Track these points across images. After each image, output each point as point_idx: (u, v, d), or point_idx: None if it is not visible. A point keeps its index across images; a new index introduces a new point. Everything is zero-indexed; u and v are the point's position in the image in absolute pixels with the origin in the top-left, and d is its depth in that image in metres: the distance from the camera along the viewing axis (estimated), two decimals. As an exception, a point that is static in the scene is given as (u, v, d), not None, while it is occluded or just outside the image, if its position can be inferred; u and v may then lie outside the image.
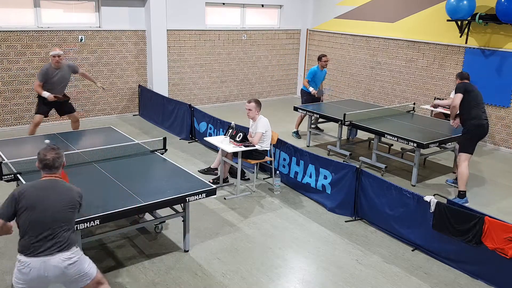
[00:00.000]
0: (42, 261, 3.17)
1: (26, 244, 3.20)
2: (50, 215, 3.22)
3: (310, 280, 4.50)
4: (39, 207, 3.21)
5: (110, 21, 9.69)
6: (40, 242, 3.19)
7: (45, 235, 3.20)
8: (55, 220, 3.24)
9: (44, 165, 3.37)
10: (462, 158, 6.26)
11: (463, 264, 4.72)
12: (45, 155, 3.38)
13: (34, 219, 3.20)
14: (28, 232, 3.21)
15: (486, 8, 8.67)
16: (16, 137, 6.60)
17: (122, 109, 10.34)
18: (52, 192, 3.29)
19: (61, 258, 3.22)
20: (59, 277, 3.25)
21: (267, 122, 6.42)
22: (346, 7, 11.64)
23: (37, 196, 3.24)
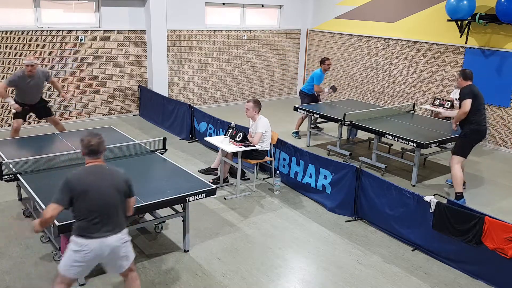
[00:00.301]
0: (99, 242, 3.37)
1: (83, 227, 3.37)
2: (102, 199, 3.38)
3: (310, 280, 4.50)
4: (92, 192, 3.35)
5: (110, 21, 9.69)
6: (96, 225, 3.36)
7: (100, 219, 3.37)
8: (107, 204, 3.40)
9: (90, 150, 3.47)
10: (454, 161, 6.24)
11: (463, 264, 4.72)
12: (90, 141, 3.47)
13: (88, 204, 3.35)
14: (84, 216, 3.36)
15: (486, 8, 8.67)
16: (16, 137, 6.61)
17: (122, 109, 10.34)
18: (101, 177, 3.44)
19: (115, 238, 3.43)
20: (111, 255, 3.46)
21: (267, 122, 6.42)
22: (346, 7, 11.64)
23: (89, 182, 3.38)
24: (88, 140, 3.47)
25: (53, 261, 4.60)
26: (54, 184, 4.64)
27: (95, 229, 3.37)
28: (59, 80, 9.29)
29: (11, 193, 6.06)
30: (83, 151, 3.50)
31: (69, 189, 3.34)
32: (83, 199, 3.34)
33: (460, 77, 6.36)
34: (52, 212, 3.31)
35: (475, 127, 6.12)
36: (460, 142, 6.29)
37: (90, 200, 3.35)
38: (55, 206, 3.32)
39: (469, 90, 6.12)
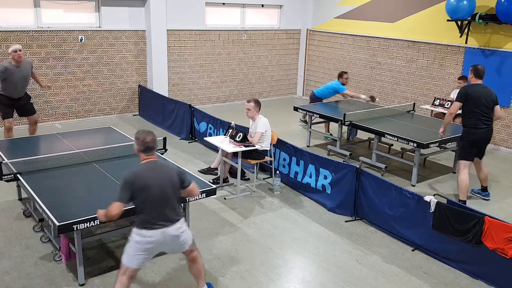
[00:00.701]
0: (162, 232, 3.58)
1: (145, 219, 3.56)
2: (161, 192, 3.58)
3: (310, 280, 4.50)
4: (151, 187, 3.54)
5: (110, 21, 9.69)
6: (157, 217, 3.57)
7: (160, 211, 3.58)
8: (165, 196, 3.61)
9: (146, 147, 3.67)
10: (460, 166, 6.13)
11: (463, 264, 4.72)
12: (145, 138, 3.67)
13: (149, 198, 3.54)
14: (146, 209, 3.56)
15: (486, 8, 8.67)
16: (16, 137, 6.61)
17: (122, 109, 10.34)
18: (158, 172, 3.64)
19: (175, 228, 3.65)
20: (172, 243, 3.71)
21: (267, 122, 6.42)
22: (346, 7, 11.64)
23: (148, 177, 3.58)
24: (144, 137, 3.67)
25: (53, 261, 4.60)
26: (54, 184, 4.66)
27: (156, 221, 3.56)
28: (58, 80, 9.30)
29: (11, 193, 6.06)
30: (139, 148, 3.69)
31: (128, 187, 3.52)
32: (143, 194, 3.53)
33: (471, 73, 6.11)
34: (117, 210, 3.50)
35: (469, 129, 6.02)
36: (460, 145, 6.25)
37: (150, 195, 3.53)
38: (119, 204, 3.50)
39: (463, 92, 5.99)
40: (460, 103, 6.01)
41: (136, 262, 3.63)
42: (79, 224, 3.89)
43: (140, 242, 3.57)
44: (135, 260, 3.62)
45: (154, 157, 3.74)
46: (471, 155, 6.11)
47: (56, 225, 3.83)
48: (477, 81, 6.06)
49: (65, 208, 4.15)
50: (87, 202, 4.29)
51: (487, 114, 6.02)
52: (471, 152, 6.10)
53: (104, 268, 4.53)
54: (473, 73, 6.07)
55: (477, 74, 6.05)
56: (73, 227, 3.88)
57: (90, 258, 4.68)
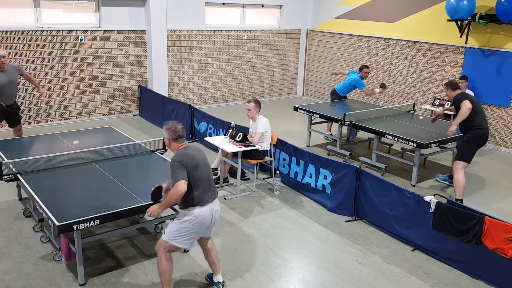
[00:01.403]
0: (210, 207, 3.91)
1: (198, 196, 3.84)
2: (207, 169, 3.95)
3: (310, 280, 4.50)
4: (200, 165, 3.87)
5: (110, 21, 9.69)
6: (207, 192, 3.90)
7: (208, 187, 3.92)
8: (209, 174, 3.98)
9: (178, 135, 3.94)
10: (459, 166, 6.16)
11: (463, 264, 4.72)
12: (176, 127, 3.94)
13: (200, 175, 3.85)
14: (198, 186, 3.83)
15: (486, 8, 8.67)
16: (16, 137, 6.61)
17: (122, 109, 10.34)
18: (198, 152, 3.98)
19: (217, 202, 4.03)
20: (214, 220, 3.99)
21: (267, 122, 6.42)
22: (346, 7, 11.64)
23: (196, 157, 3.88)
24: (175, 127, 3.93)
25: (53, 261, 4.60)
26: (54, 184, 4.66)
27: (206, 197, 3.87)
28: (58, 80, 9.30)
29: (11, 193, 6.06)
30: (171, 136, 3.93)
31: (184, 166, 3.75)
32: (195, 172, 3.80)
33: (448, 89, 6.31)
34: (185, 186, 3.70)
35: (479, 131, 6.06)
36: (464, 147, 6.20)
37: (201, 172, 3.85)
38: (183, 181, 3.70)
39: (462, 96, 6.10)
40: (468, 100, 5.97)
41: (188, 242, 3.90)
42: (79, 224, 3.89)
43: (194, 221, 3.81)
44: (188, 242, 3.89)
45: (186, 143, 4.00)
46: (471, 157, 6.19)
47: (56, 225, 3.83)
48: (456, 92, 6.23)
49: (65, 208, 4.15)
50: (87, 202, 4.29)
51: (485, 117, 6.23)
52: (473, 154, 6.19)
53: (104, 268, 4.53)
54: (450, 88, 6.26)
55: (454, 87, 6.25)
56: (73, 227, 3.88)
57: (90, 258, 4.68)
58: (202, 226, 3.89)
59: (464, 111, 5.98)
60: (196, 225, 3.85)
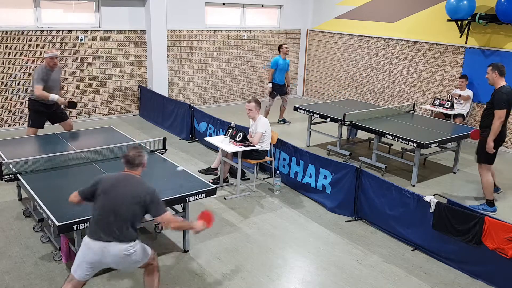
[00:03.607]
0: (101, 246, 3.41)
1: (91, 225, 3.50)
2: (116, 204, 3.43)
3: (310, 280, 4.50)
4: (111, 194, 3.45)
5: (110, 21, 9.69)
6: (102, 227, 3.42)
7: (108, 222, 3.42)
8: (119, 210, 3.42)
9: (126, 160, 3.62)
10: (485, 168, 5.94)
11: (463, 264, 4.72)
12: (128, 152, 3.63)
13: (104, 204, 3.45)
14: (95, 215, 3.48)
15: (486, 8, 8.67)
16: (16, 137, 6.60)
17: (122, 109, 10.34)
18: (123, 184, 3.50)
19: (119, 248, 3.43)
20: (115, 263, 3.53)
21: (267, 122, 6.42)
22: (346, 7, 11.63)
23: (111, 185, 3.49)
24: (127, 151, 3.64)
25: (53, 261, 4.60)
26: (54, 184, 4.66)
27: (99, 231, 3.42)
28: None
29: (11, 193, 6.06)
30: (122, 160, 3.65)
31: (95, 186, 3.53)
32: (101, 199, 3.47)
33: (495, 71, 5.63)
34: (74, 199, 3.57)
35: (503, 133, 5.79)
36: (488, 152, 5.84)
37: (106, 202, 3.44)
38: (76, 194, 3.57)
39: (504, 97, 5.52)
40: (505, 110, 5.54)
41: (79, 272, 3.47)
42: (79, 224, 3.89)
43: (83, 250, 3.45)
44: (79, 270, 3.47)
45: (135, 173, 3.60)
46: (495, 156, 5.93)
47: (56, 225, 3.83)
48: (502, 80, 5.65)
49: (65, 208, 4.15)
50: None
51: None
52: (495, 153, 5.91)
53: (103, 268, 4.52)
54: (498, 72, 5.62)
55: (502, 72, 5.63)
56: (73, 227, 3.88)
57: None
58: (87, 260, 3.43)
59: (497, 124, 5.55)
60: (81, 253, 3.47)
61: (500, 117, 5.56)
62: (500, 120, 5.58)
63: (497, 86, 5.67)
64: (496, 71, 5.62)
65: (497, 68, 5.62)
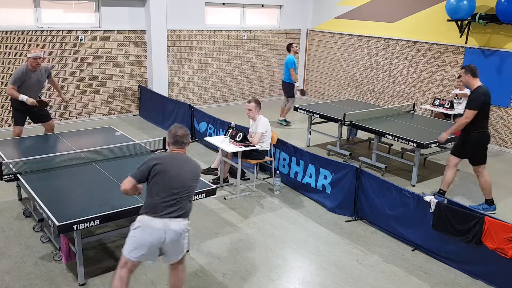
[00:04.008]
0: (164, 223, 3.45)
1: (153, 204, 3.48)
2: (179, 181, 3.52)
3: (310, 280, 4.50)
4: (171, 173, 3.51)
5: (110, 21, 9.69)
6: (166, 204, 3.48)
7: (172, 199, 3.49)
8: (182, 187, 3.54)
9: (175, 140, 3.67)
10: (481, 169, 5.93)
11: (463, 264, 4.72)
12: (176, 131, 3.68)
13: (165, 183, 3.49)
14: (158, 194, 3.49)
15: (486, 8, 8.67)
16: (16, 137, 6.61)
17: (122, 109, 10.34)
18: (181, 163, 3.61)
19: (180, 224, 3.52)
20: (172, 242, 3.51)
21: (267, 122, 6.42)
22: (346, 7, 11.64)
23: (170, 164, 3.55)
24: (175, 131, 3.68)
25: (53, 261, 4.60)
26: (54, 184, 4.66)
27: (163, 208, 3.46)
28: (58, 80, 9.29)
29: (11, 193, 6.06)
30: (169, 140, 3.69)
31: (146, 167, 3.53)
32: (158, 178, 3.49)
33: (468, 73, 5.70)
34: (127, 185, 3.53)
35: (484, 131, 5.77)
36: (478, 151, 5.84)
37: (165, 180, 3.49)
38: (130, 179, 3.54)
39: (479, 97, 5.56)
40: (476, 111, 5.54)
41: (135, 254, 3.48)
42: (79, 224, 3.89)
43: (140, 229, 3.44)
44: (135, 252, 3.47)
45: (183, 150, 3.73)
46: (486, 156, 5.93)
47: (56, 225, 3.83)
48: (476, 81, 5.71)
49: (65, 208, 4.15)
50: (87, 202, 4.28)
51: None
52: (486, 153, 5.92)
53: (104, 268, 4.53)
54: (471, 74, 5.70)
55: (475, 74, 5.71)
56: (73, 227, 3.88)
57: (90, 258, 4.68)
58: (147, 240, 3.44)
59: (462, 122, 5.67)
60: (139, 234, 3.44)
61: (467, 117, 5.60)
62: (466, 120, 5.61)
63: (473, 88, 5.71)
64: (469, 73, 5.69)
65: (470, 70, 5.69)
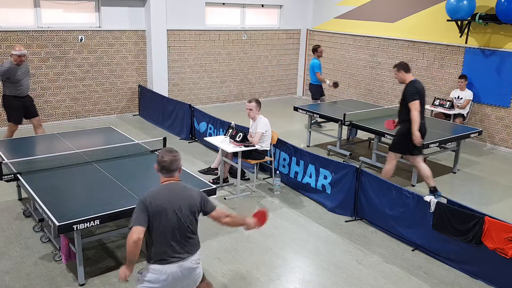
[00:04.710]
0: (178, 266, 3.20)
1: (160, 251, 3.17)
2: (178, 218, 3.18)
3: (310, 280, 4.50)
4: (168, 211, 3.16)
5: (110, 21, 9.69)
6: (173, 247, 3.19)
7: (176, 240, 3.19)
8: (183, 224, 3.21)
9: (162, 167, 3.30)
10: (417, 160, 6.21)
11: (463, 264, 4.72)
12: (163, 157, 3.30)
13: (165, 224, 3.16)
14: (161, 239, 3.17)
15: (486, 8, 8.67)
16: (16, 137, 6.61)
17: (122, 109, 10.34)
18: (175, 197, 3.23)
19: (192, 261, 3.27)
20: (188, 278, 3.30)
21: (267, 122, 6.42)
22: (346, 7, 11.64)
23: (165, 200, 3.18)
24: (162, 156, 3.31)
25: (53, 261, 4.60)
26: (54, 184, 4.66)
27: (172, 252, 3.18)
28: (58, 80, 9.30)
29: (11, 193, 6.06)
30: (156, 167, 3.35)
31: (145, 208, 3.13)
32: (158, 220, 3.14)
33: (400, 70, 6.02)
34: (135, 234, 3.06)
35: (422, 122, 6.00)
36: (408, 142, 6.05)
37: (167, 220, 3.15)
38: (137, 227, 3.08)
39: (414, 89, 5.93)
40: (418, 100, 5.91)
41: None
42: (79, 224, 3.89)
43: (154, 281, 3.16)
44: None
45: (174, 179, 3.33)
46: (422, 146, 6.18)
47: (56, 225, 3.83)
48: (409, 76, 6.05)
49: (65, 208, 4.16)
50: (87, 202, 4.29)
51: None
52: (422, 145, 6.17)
53: (104, 268, 4.53)
54: (403, 70, 6.02)
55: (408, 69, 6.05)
56: (73, 227, 3.88)
57: (90, 258, 4.68)
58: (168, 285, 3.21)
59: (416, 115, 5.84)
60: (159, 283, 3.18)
61: (415, 108, 5.86)
62: (417, 111, 5.86)
63: (407, 82, 6.05)
64: (402, 70, 6.01)
65: (402, 66, 6.02)
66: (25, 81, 7.06)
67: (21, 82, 6.98)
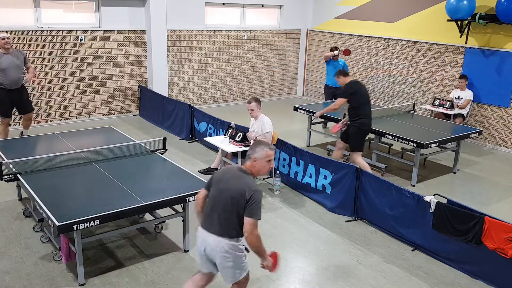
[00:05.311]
0: (204, 234, 3.44)
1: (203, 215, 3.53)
2: (222, 197, 3.39)
3: (310, 280, 4.50)
4: (218, 187, 3.45)
5: (110, 21, 9.69)
6: (208, 217, 3.45)
7: (212, 213, 3.43)
8: (222, 202, 3.38)
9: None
10: (355, 156, 6.51)
11: (463, 264, 4.72)
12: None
13: (211, 195, 3.49)
14: (206, 206, 3.52)
15: (486, 8, 8.67)
16: (16, 137, 6.61)
17: (122, 109, 10.34)
18: (230, 178, 3.45)
19: (216, 240, 3.37)
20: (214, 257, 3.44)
21: (270, 121, 6.39)
22: (346, 7, 11.64)
23: (220, 177, 3.51)
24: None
25: (53, 261, 4.60)
26: (54, 184, 4.66)
27: (205, 220, 3.47)
28: (58, 80, 9.30)
29: (11, 193, 6.06)
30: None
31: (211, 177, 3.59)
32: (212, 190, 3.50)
33: (339, 76, 6.70)
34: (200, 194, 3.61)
35: (364, 120, 6.46)
36: (355, 138, 6.51)
37: (213, 194, 3.46)
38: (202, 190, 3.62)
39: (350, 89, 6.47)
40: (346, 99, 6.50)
41: (199, 261, 3.58)
42: (79, 224, 3.89)
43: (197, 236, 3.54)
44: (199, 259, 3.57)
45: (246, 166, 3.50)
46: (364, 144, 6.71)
47: (56, 225, 3.83)
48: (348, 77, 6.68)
49: (65, 208, 4.16)
50: (87, 202, 4.29)
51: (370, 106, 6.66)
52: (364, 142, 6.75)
53: (104, 268, 4.53)
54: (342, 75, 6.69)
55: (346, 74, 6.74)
56: (73, 227, 3.88)
57: (90, 258, 4.68)
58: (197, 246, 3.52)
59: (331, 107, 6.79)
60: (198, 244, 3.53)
61: (336, 103, 6.71)
62: (334, 106, 6.70)
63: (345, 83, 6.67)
64: (341, 75, 6.70)
65: (340, 73, 6.73)
66: (10, 72, 6.92)
67: (5, 72, 6.86)
